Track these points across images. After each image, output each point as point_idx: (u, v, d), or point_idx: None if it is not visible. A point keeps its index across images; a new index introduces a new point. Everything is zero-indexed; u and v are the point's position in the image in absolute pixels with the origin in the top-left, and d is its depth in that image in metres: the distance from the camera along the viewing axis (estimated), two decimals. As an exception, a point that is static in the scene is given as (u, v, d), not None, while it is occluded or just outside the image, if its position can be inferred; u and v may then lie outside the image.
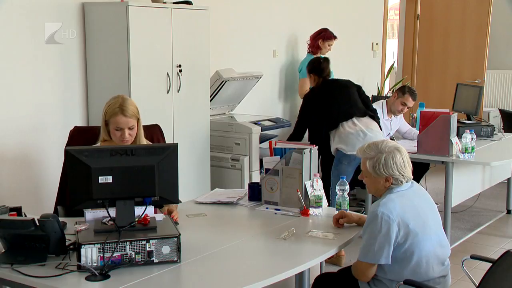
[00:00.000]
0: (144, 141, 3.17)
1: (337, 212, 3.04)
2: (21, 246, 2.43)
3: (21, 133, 4.05)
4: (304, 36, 6.50)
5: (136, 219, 2.49)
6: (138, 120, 3.10)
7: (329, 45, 5.99)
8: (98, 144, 3.14)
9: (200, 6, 4.68)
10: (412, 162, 2.81)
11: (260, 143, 5.01)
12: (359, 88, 4.86)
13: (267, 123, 5.26)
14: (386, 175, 2.70)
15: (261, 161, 3.82)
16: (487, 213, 5.86)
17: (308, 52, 6.06)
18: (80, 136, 3.46)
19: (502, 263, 2.41)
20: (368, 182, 2.79)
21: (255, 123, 5.06)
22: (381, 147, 2.73)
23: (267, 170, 3.30)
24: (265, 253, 2.74)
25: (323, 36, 5.95)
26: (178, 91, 4.53)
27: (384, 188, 2.74)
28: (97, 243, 2.32)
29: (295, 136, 4.77)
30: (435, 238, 2.72)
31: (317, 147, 3.32)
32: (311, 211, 3.13)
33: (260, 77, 5.49)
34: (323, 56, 5.52)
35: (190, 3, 4.72)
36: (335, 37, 6.01)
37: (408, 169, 2.74)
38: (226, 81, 5.07)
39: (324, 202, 3.19)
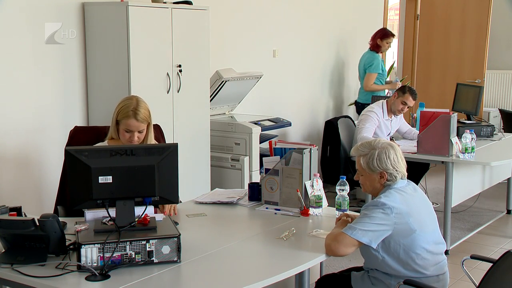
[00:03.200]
0: (153, 143, 3.18)
1: (337, 212, 3.05)
2: (21, 246, 2.43)
3: (21, 133, 4.05)
4: (304, 36, 6.51)
5: (136, 219, 2.49)
6: (148, 124, 3.12)
7: (387, 43, 6.52)
8: (106, 142, 3.16)
9: (200, 6, 4.68)
10: (412, 162, 2.82)
11: (260, 143, 5.01)
12: None
13: (267, 123, 5.26)
14: (380, 170, 2.72)
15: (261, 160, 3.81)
16: (487, 213, 5.86)
17: (369, 49, 6.56)
18: (80, 136, 3.46)
19: (502, 263, 2.41)
20: (363, 180, 2.81)
21: (255, 123, 5.06)
22: (374, 144, 2.78)
23: (267, 170, 3.30)
24: (265, 253, 2.73)
25: (380, 35, 6.50)
26: (178, 91, 4.53)
27: (380, 185, 2.75)
28: (97, 243, 2.32)
29: None
30: (432, 236, 2.74)
31: (317, 147, 3.32)
32: (311, 211, 3.13)
33: (260, 77, 5.49)
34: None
35: (190, 3, 4.72)
36: (392, 35, 6.55)
37: (402, 165, 2.76)
38: (226, 81, 5.07)
39: (324, 202, 3.19)
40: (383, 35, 6.49)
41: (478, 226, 5.47)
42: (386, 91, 6.64)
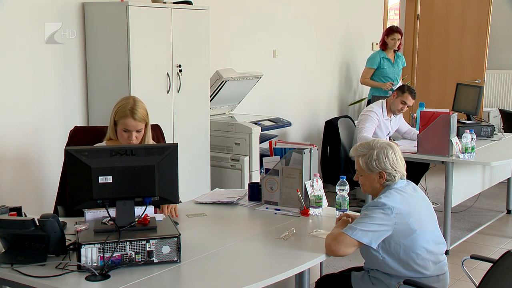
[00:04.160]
0: (151, 143, 3.18)
1: (337, 212, 3.05)
2: (21, 246, 2.43)
3: (21, 133, 4.05)
4: (304, 36, 6.51)
5: (136, 219, 2.49)
6: (146, 124, 3.12)
7: (392, 39, 6.50)
8: (104, 142, 3.16)
9: (200, 6, 4.67)
10: (412, 162, 2.81)
11: (260, 143, 5.01)
12: None
13: (267, 123, 5.25)
14: (379, 169, 2.72)
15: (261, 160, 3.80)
16: (487, 213, 5.86)
17: (379, 47, 6.67)
18: (80, 136, 3.46)
19: (502, 263, 2.41)
20: (363, 181, 2.81)
21: (255, 123, 5.05)
22: (373, 144, 2.78)
23: (267, 170, 3.30)
24: (265, 253, 2.73)
25: (386, 32, 6.57)
26: (178, 91, 4.53)
27: (379, 185, 2.76)
28: (97, 243, 2.32)
29: None
30: (432, 236, 2.74)
31: (317, 147, 3.32)
32: (311, 211, 3.13)
33: (260, 77, 5.49)
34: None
35: (190, 3, 4.72)
36: (398, 32, 6.52)
37: (401, 165, 2.76)
38: (226, 81, 5.07)
39: (324, 202, 3.19)
40: (388, 31, 6.56)
41: (478, 226, 5.47)
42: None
